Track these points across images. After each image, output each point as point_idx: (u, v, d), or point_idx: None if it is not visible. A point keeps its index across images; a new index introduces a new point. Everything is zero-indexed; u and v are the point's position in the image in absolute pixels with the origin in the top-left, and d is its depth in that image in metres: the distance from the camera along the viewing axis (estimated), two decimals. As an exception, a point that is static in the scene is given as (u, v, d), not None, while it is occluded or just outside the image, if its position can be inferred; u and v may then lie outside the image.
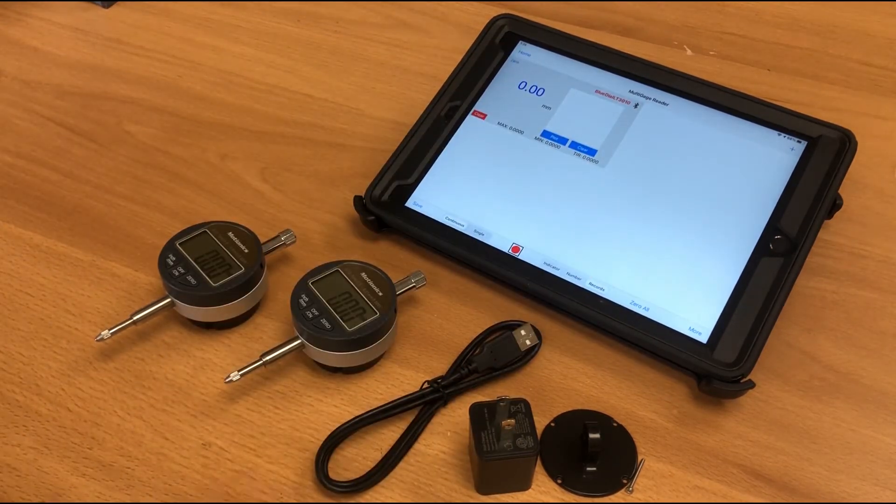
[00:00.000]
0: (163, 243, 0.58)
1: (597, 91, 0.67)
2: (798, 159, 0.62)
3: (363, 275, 0.57)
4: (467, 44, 0.70)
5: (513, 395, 0.55)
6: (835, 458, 0.54)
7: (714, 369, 0.54)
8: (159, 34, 0.82)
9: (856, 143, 0.61)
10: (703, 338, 0.56)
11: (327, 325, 0.54)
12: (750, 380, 0.54)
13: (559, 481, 0.53)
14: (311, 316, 0.54)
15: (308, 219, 0.67)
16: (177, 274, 0.56)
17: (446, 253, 0.63)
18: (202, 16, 0.84)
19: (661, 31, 0.81)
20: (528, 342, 0.57)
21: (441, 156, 0.66)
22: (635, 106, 0.66)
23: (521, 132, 0.66)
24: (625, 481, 0.53)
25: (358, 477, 0.52)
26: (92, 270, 0.64)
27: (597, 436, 0.51)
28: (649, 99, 0.66)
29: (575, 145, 0.65)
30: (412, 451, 0.54)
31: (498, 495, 0.52)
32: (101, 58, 0.80)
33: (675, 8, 0.83)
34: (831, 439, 0.55)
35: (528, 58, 0.69)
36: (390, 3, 0.85)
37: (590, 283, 0.59)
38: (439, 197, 0.64)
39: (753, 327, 0.55)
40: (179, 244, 0.58)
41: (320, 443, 0.53)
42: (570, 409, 0.56)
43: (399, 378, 0.58)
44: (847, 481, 0.53)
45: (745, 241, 0.59)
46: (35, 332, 0.60)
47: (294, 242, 0.62)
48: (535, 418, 0.50)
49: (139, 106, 0.76)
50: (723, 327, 0.56)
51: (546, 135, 0.65)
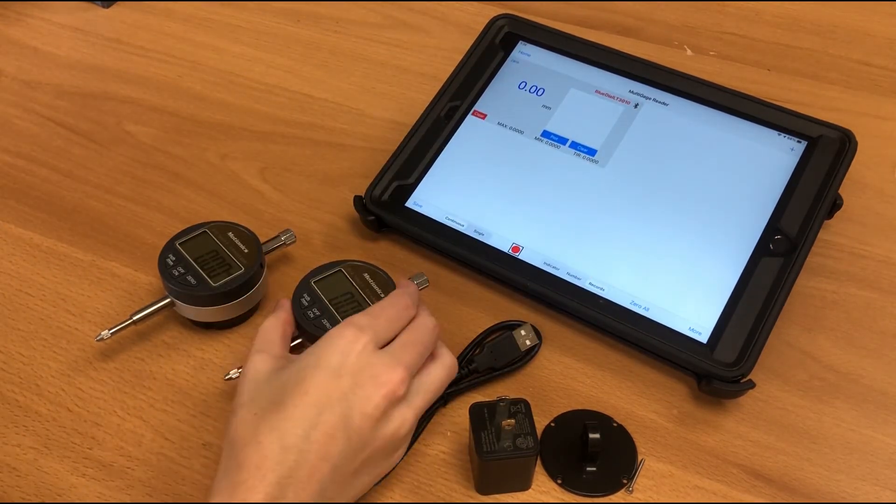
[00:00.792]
0: (163, 243, 0.58)
1: (597, 91, 0.67)
2: (798, 159, 0.62)
3: (365, 275, 0.57)
4: (467, 44, 0.70)
5: (513, 395, 0.55)
6: (835, 458, 0.54)
7: (714, 369, 0.54)
8: (159, 34, 0.82)
9: (856, 143, 0.61)
10: (703, 338, 0.56)
11: (328, 325, 0.54)
12: (750, 380, 0.54)
13: (559, 481, 0.53)
14: (312, 316, 0.54)
15: (308, 219, 0.67)
16: (177, 274, 0.56)
17: (446, 253, 0.63)
18: (202, 16, 0.84)
19: (661, 31, 0.81)
20: (528, 342, 0.57)
21: (441, 156, 0.66)
22: (635, 106, 0.66)
23: (521, 132, 0.66)
24: (625, 481, 0.53)
25: (358, 477, 0.52)
26: (92, 270, 0.64)
27: (597, 436, 0.51)
28: (649, 99, 0.66)
29: (575, 145, 0.65)
30: (412, 451, 0.54)
31: (498, 495, 0.52)
32: (101, 58, 0.80)
33: (675, 8, 0.83)
34: (831, 439, 0.55)
35: (528, 58, 0.69)
36: (390, 3, 0.85)
37: (590, 283, 0.59)
38: (439, 197, 0.64)
39: (753, 327, 0.55)
40: (179, 244, 0.58)
41: (320, 443, 0.53)
42: (570, 409, 0.56)
43: (399, 378, 0.57)
44: (847, 481, 0.53)
45: (746, 241, 0.59)
46: (35, 332, 0.60)
47: (294, 242, 0.62)
48: (535, 418, 0.50)
49: (139, 106, 0.76)
50: (723, 327, 0.56)
51: (546, 135, 0.65)
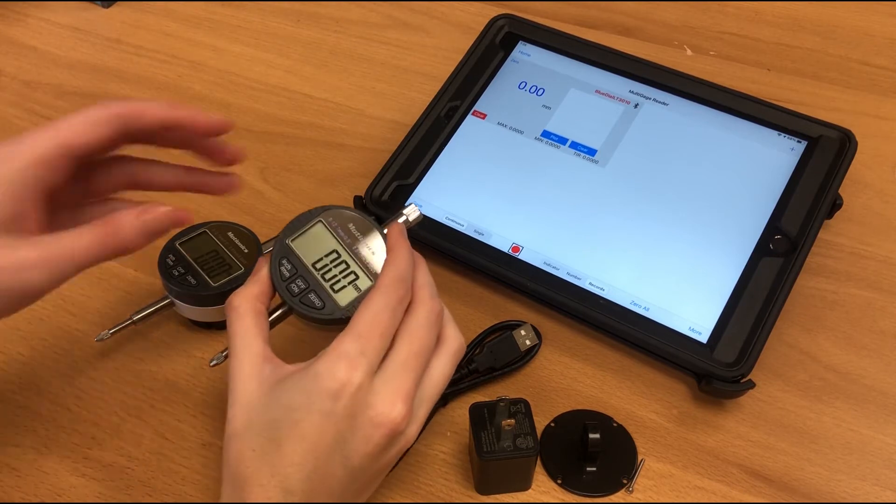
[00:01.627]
0: (163, 243, 0.58)
1: (597, 91, 0.67)
2: (798, 159, 0.62)
3: (351, 226, 0.51)
4: (467, 44, 0.70)
5: (513, 395, 0.55)
6: (835, 458, 0.54)
7: (714, 369, 0.54)
8: (159, 34, 0.82)
9: (856, 143, 0.61)
10: (703, 338, 0.56)
11: (316, 302, 0.49)
12: (750, 380, 0.54)
13: (559, 481, 0.53)
14: (297, 290, 0.49)
15: (308, 219, 0.67)
16: (177, 274, 0.56)
17: (446, 253, 0.63)
18: (202, 16, 0.84)
19: (661, 31, 0.81)
20: (528, 342, 0.57)
21: (441, 156, 0.66)
22: (635, 106, 0.66)
23: (521, 132, 0.66)
24: (625, 481, 0.53)
25: (358, 477, 0.52)
26: (92, 270, 0.63)
27: (597, 436, 0.51)
28: (649, 99, 0.66)
29: (575, 145, 0.65)
30: (412, 451, 0.54)
31: (498, 495, 0.52)
32: (101, 58, 0.80)
33: (675, 8, 0.83)
34: (831, 439, 0.55)
35: (528, 58, 0.69)
36: (390, 3, 0.85)
37: (590, 283, 0.59)
38: (439, 197, 0.64)
39: (753, 327, 0.55)
40: (179, 244, 0.58)
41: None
42: (570, 409, 0.56)
43: (399, 378, 0.57)
44: (847, 481, 0.53)
45: (746, 241, 0.59)
46: (35, 332, 0.60)
47: (294, 242, 0.62)
48: (535, 418, 0.50)
49: (139, 106, 0.76)
50: (723, 327, 0.56)
51: (546, 135, 0.65)
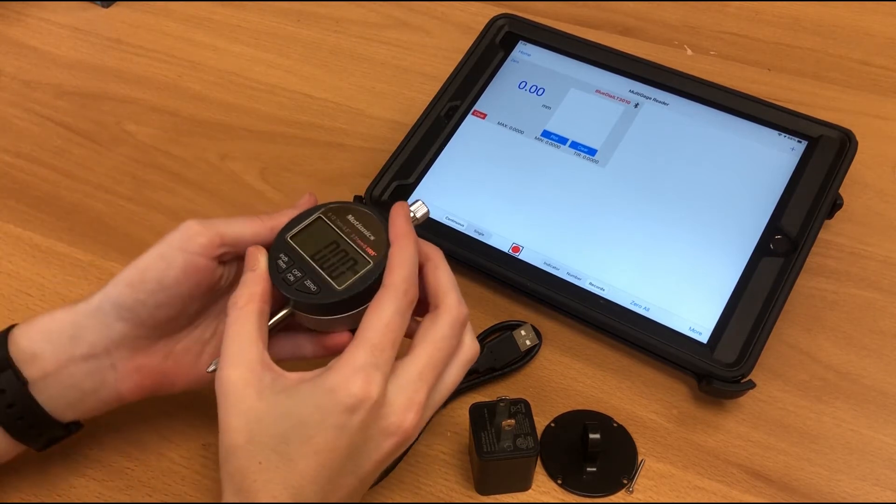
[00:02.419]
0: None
1: (597, 91, 0.67)
2: (798, 159, 0.62)
3: (350, 217, 0.49)
4: (467, 44, 0.70)
5: (513, 395, 0.55)
6: (835, 458, 0.54)
7: (714, 369, 0.54)
8: (159, 34, 0.82)
9: (856, 143, 0.61)
10: (704, 338, 0.56)
11: (312, 287, 0.46)
12: (750, 380, 0.54)
13: (559, 481, 0.53)
14: (293, 279, 0.46)
15: (308, 219, 0.67)
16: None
17: (446, 253, 0.62)
18: (202, 16, 0.84)
19: (661, 31, 0.81)
20: (528, 342, 0.57)
21: (441, 156, 0.66)
22: (635, 106, 0.66)
23: (521, 132, 0.66)
24: (625, 481, 0.53)
25: (358, 477, 0.52)
26: (92, 270, 0.64)
27: (597, 436, 0.51)
28: (649, 99, 0.66)
29: (575, 145, 0.65)
30: (412, 451, 0.54)
31: (498, 495, 0.52)
32: (101, 58, 0.80)
33: (676, 8, 0.83)
34: (831, 439, 0.55)
35: (528, 58, 0.69)
36: (390, 3, 0.85)
37: (590, 283, 0.59)
38: (439, 197, 0.64)
39: (753, 327, 0.55)
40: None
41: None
42: (570, 409, 0.56)
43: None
44: (847, 481, 0.53)
45: (746, 241, 0.59)
46: (35, 332, 0.60)
47: (294, 242, 0.62)
48: (535, 418, 0.50)
49: (139, 106, 0.76)
50: (723, 327, 0.56)
51: (546, 135, 0.65)
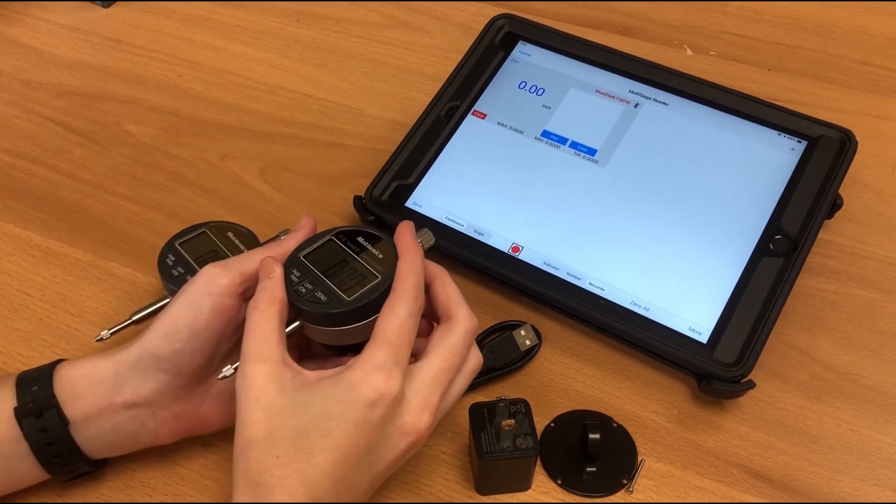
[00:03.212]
0: (162, 243, 0.58)
1: (597, 91, 0.67)
2: (798, 159, 0.62)
3: (360, 239, 0.50)
4: (467, 44, 0.70)
5: (513, 395, 0.55)
6: (835, 458, 0.54)
7: (714, 369, 0.54)
8: (159, 34, 0.82)
9: (856, 143, 0.61)
10: (704, 338, 0.56)
11: (322, 297, 0.48)
12: (750, 380, 0.54)
13: (559, 481, 0.53)
14: (304, 291, 0.48)
15: (308, 219, 0.67)
16: (176, 274, 0.56)
17: (446, 253, 0.63)
18: (202, 16, 0.84)
19: (661, 31, 0.81)
20: (528, 342, 0.57)
21: (441, 156, 0.66)
22: (635, 106, 0.66)
23: (521, 132, 0.66)
24: (625, 481, 0.53)
25: (358, 477, 0.52)
26: (92, 270, 0.64)
27: (597, 436, 0.51)
28: (649, 99, 0.66)
29: (575, 145, 0.65)
30: (412, 451, 0.54)
31: (498, 495, 0.52)
32: (101, 58, 0.80)
33: (676, 8, 0.83)
34: (831, 439, 0.55)
35: (528, 58, 0.69)
36: (390, 3, 0.85)
37: (590, 283, 0.59)
38: (439, 197, 0.64)
39: (753, 327, 0.55)
40: (179, 244, 0.58)
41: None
42: (570, 409, 0.56)
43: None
44: (847, 481, 0.53)
45: (746, 241, 0.59)
46: (35, 332, 0.60)
47: (294, 242, 0.62)
48: (535, 418, 0.50)
49: (139, 106, 0.76)
50: (723, 327, 0.56)
51: (546, 135, 0.65)
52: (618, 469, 0.53)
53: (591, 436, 0.51)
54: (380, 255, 0.49)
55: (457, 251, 0.61)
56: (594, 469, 0.53)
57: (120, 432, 0.48)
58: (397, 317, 0.44)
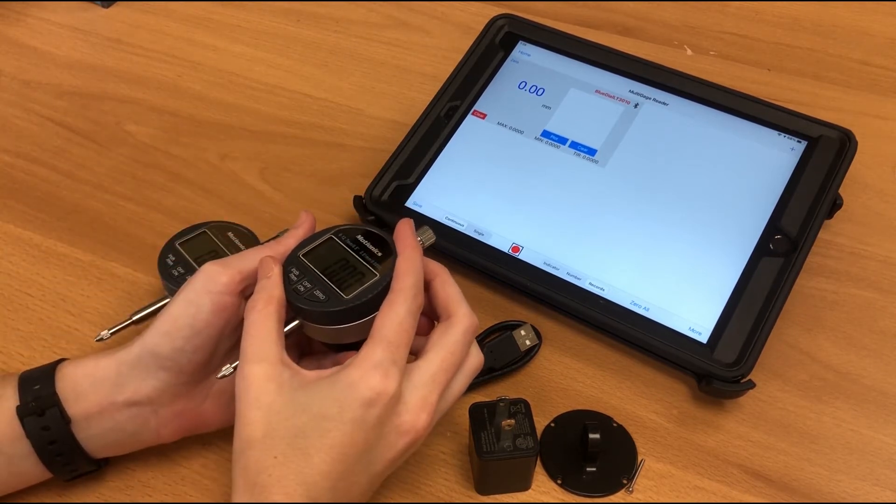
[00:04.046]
0: (162, 243, 0.58)
1: (597, 91, 0.67)
2: (798, 159, 0.62)
3: (359, 237, 0.50)
4: (467, 44, 0.70)
5: (513, 395, 0.55)
6: (835, 458, 0.54)
7: (714, 369, 0.54)
8: (159, 34, 0.82)
9: (856, 142, 0.61)
10: (703, 338, 0.56)
11: (321, 296, 0.48)
12: (750, 380, 0.54)
13: (559, 481, 0.53)
14: (303, 289, 0.48)
15: (308, 219, 0.67)
16: (176, 274, 0.56)
17: (446, 253, 0.63)
18: (202, 16, 0.84)
19: (661, 31, 0.81)
20: (528, 342, 0.57)
21: (441, 156, 0.66)
22: (635, 106, 0.66)
23: (521, 132, 0.66)
24: (625, 481, 0.53)
25: (358, 477, 0.52)
26: (92, 270, 0.64)
27: (597, 436, 0.51)
28: (649, 99, 0.66)
29: (575, 145, 0.65)
30: (412, 451, 0.54)
31: (498, 495, 0.52)
32: (101, 58, 0.80)
33: (675, 8, 0.83)
34: (831, 439, 0.55)
35: (528, 58, 0.69)
36: (390, 3, 0.85)
37: (590, 283, 0.59)
38: (439, 197, 0.64)
39: (753, 327, 0.55)
40: (179, 244, 0.58)
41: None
42: (570, 409, 0.56)
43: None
44: (847, 481, 0.53)
45: (746, 241, 0.59)
46: (35, 332, 0.60)
47: (294, 242, 0.62)
48: (535, 418, 0.50)
49: (139, 106, 0.76)
50: (723, 327, 0.56)
51: (546, 135, 0.65)
52: (618, 469, 0.53)
53: (591, 436, 0.51)
54: (379, 254, 0.49)
55: (457, 251, 0.61)
56: (594, 469, 0.53)
57: (121, 431, 0.48)
58: (396, 315, 0.44)
